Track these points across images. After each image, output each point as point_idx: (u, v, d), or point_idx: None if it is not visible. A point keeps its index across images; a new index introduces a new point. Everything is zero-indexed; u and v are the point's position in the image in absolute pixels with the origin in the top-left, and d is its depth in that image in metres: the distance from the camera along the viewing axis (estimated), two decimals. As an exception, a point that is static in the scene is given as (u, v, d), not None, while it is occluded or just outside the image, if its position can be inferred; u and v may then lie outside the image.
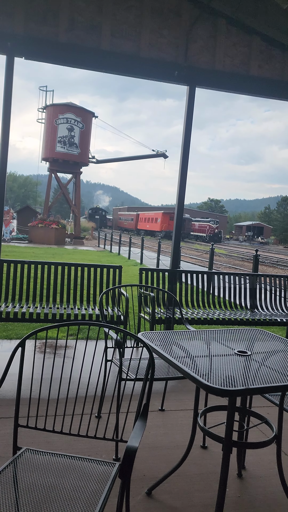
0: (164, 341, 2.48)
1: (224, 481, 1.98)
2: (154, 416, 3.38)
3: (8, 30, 4.40)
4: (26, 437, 2.81)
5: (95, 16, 4.62)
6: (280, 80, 5.27)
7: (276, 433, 2.30)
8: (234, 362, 2.15)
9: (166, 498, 2.37)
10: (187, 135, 5.13)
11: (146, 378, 1.94)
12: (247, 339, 2.69)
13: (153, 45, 4.81)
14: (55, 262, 4.92)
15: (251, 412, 2.54)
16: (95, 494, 1.61)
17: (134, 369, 2.96)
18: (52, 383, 2.14)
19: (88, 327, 2.23)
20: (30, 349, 4.41)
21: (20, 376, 1.94)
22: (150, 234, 48.03)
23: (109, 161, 40.60)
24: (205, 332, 2.74)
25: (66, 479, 1.70)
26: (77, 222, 32.04)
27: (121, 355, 2.56)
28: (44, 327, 2.05)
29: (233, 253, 32.01)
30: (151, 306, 4.22)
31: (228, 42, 5.06)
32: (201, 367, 2.08)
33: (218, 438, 2.15)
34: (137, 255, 18.87)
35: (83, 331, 5.65)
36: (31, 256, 16.55)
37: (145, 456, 2.78)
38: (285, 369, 2.13)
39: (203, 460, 2.80)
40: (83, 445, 2.83)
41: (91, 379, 2.30)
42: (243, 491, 2.51)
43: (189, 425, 3.16)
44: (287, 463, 2.81)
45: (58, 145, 30.28)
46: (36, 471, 1.74)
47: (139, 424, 1.78)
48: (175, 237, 5.39)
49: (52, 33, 4.52)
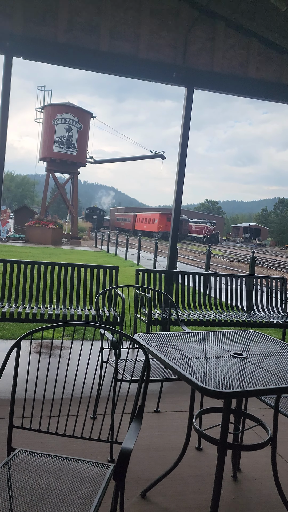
0: (160, 342, 2.47)
1: (219, 483, 1.98)
2: (150, 417, 3.38)
3: (7, 30, 4.40)
4: (21, 438, 2.79)
5: (94, 17, 4.62)
6: (277, 83, 5.29)
7: (271, 435, 2.30)
8: (230, 364, 2.15)
9: (161, 500, 2.37)
10: (184, 136, 5.14)
11: (141, 379, 1.94)
12: (243, 341, 2.69)
13: (151, 46, 4.81)
14: (52, 262, 4.91)
15: (246, 414, 2.54)
16: (89, 496, 1.61)
17: (130, 370, 2.96)
18: (47, 383, 2.13)
19: (84, 327, 2.22)
20: (26, 349, 4.39)
21: (15, 377, 1.93)
22: (147, 235, 48.02)
23: (107, 161, 40.60)
24: (201, 333, 2.74)
25: (60, 480, 1.70)
26: (74, 222, 32.00)
27: (116, 356, 2.55)
28: (40, 327, 2.04)
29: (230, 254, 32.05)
30: (148, 307, 4.22)
31: (226, 44, 5.07)
32: (197, 369, 2.08)
33: (213, 440, 2.14)
34: (134, 255, 18.86)
35: (79, 332, 5.64)
36: (28, 256, 16.52)
37: (140, 458, 2.77)
38: (281, 372, 2.13)
39: (198, 462, 2.80)
40: (78, 446, 2.82)
41: (87, 380, 2.30)
42: (238, 493, 2.50)
43: (184, 426, 3.16)
44: (282, 466, 2.81)
45: (56, 145, 30.26)
46: (30, 472, 1.74)
47: (134, 425, 1.78)
48: (172, 238, 5.39)
49: (51, 33, 4.52)
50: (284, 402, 2.67)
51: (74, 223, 31.96)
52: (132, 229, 55.66)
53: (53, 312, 4.41)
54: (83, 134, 31.07)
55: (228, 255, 31.43)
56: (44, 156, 30.96)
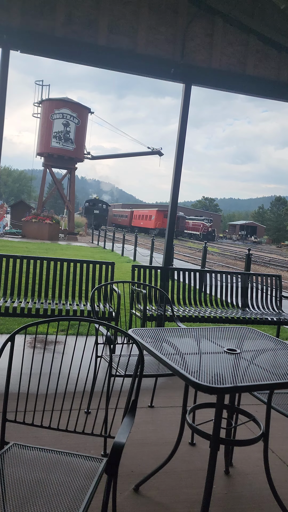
0: (155, 338, 2.48)
1: (211, 478, 1.99)
2: (144, 412, 3.39)
3: (4, 23, 4.36)
4: (14, 432, 2.80)
5: (92, 11, 4.60)
6: (275, 80, 5.28)
7: (264, 431, 2.31)
8: (223, 360, 2.16)
9: (154, 494, 2.38)
10: (182, 133, 5.13)
11: (135, 374, 1.94)
12: (237, 337, 2.70)
13: (150, 41, 4.79)
14: (48, 258, 4.90)
15: (239, 409, 2.56)
16: (82, 489, 1.62)
17: (124, 365, 2.97)
18: (41, 378, 2.14)
19: (79, 322, 2.23)
20: (20, 344, 4.38)
21: (9, 371, 1.94)
22: (144, 231, 47.99)
23: (104, 157, 40.54)
24: (196, 329, 2.75)
25: (53, 474, 1.70)
26: (71, 217, 31.96)
27: (111, 351, 2.56)
28: (35, 322, 2.04)
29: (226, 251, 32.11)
30: (143, 303, 4.23)
31: (224, 41, 5.06)
32: (191, 364, 2.08)
33: (206, 435, 2.16)
34: (130, 252, 18.85)
35: (74, 327, 5.64)
36: (24, 251, 16.48)
37: (134, 452, 2.79)
38: (274, 368, 2.14)
39: (191, 457, 2.82)
40: (71, 441, 2.83)
41: (81, 374, 2.30)
42: (230, 488, 2.52)
43: (178, 422, 3.17)
44: (274, 461, 2.84)
45: (53, 140, 30.16)
46: (23, 466, 1.74)
47: (127, 420, 1.79)
48: (169, 234, 5.39)
49: (49, 27, 4.49)
50: (277, 398, 2.69)
51: (71, 218, 31.92)
52: (129, 225, 55.60)
53: (48, 307, 4.41)
54: (80, 129, 30.98)
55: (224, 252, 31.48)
56: (42, 151, 30.85)
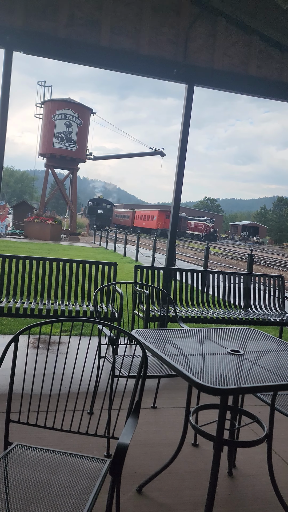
0: (158, 338, 2.48)
1: (215, 479, 1.99)
2: (146, 413, 3.39)
3: (7, 24, 4.38)
4: (18, 433, 2.80)
5: (95, 12, 4.60)
6: (278, 81, 5.28)
7: (267, 432, 2.31)
8: (227, 361, 2.16)
9: (157, 496, 2.38)
10: (184, 134, 5.13)
11: (138, 375, 1.94)
12: (240, 338, 2.70)
13: (152, 42, 4.80)
14: (50, 258, 4.90)
15: (243, 411, 2.55)
16: (86, 490, 1.62)
17: (127, 366, 2.97)
18: (44, 379, 2.14)
19: (82, 323, 2.23)
20: (23, 344, 4.40)
21: (12, 372, 1.94)
22: (146, 232, 47.99)
23: (106, 158, 40.54)
24: (199, 330, 2.75)
25: (57, 475, 1.70)
26: (73, 218, 31.97)
27: (114, 352, 2.56)
28: (38, 322, 2.05)
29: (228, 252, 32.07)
30: (146, 304, 4.23)
31: (227, 41, 5.06)
32: (194, 365, 2.08)
33: (209, 436, 2.15)
34: (132, 252, 18.84)
35: (77, 327, 5.64)
36: (26, 251, 16.50)
37: (137, 453, 2.79)
38: (277, 369, 2.14)
39: (194, 458, 2.82)
40: (75, 441, 2.83)
41: (84, 375, 2.30)
42: (233, 489, 2.52)
43: (181, 423, 3.17)
44: (277, 462, 2.83)
45: (55, 141, 30.18)
46: (27, 466, 1.74)
47: (130, 421, 1.79)
48: (171, 235, 5.39)
49: (51, 28, 4.50)
50: (280, 400, 2.68)
51: (73, 219, 31.93)
52: (131, 226, 55.60)
53: (51, 307, 4.42)
54: (83, 130, 31.00)
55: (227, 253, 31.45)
56: (44, 152, 30.89)
